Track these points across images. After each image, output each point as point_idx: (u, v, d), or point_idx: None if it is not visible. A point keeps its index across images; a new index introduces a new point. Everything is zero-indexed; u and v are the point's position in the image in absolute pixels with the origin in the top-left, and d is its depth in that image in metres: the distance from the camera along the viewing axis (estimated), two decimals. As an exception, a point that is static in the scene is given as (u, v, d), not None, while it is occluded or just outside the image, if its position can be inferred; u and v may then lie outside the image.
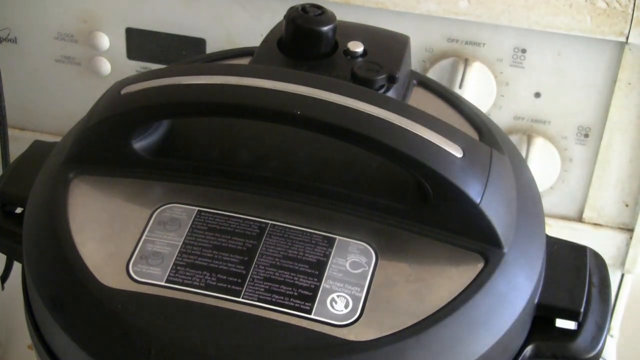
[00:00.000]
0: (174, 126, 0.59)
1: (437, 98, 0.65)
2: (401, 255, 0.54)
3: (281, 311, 0.51)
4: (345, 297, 0.52)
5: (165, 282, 0.53)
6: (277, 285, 0.52)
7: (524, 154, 0.80)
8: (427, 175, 0.53)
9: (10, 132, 0.86)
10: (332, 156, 0.58)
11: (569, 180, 0.83)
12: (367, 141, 0.53)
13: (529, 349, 0.56)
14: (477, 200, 0.53)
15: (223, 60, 0.66)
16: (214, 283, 0.52)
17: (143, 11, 0.83)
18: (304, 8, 0.60)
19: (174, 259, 0.54)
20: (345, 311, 0.52)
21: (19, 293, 0.59)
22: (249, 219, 0.55)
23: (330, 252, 0.54)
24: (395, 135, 0.53)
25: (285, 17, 0.61)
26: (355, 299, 0.52)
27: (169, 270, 0.53)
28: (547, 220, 0.73)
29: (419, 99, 0.64)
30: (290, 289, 0.52)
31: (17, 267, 0.73)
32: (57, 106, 0.90)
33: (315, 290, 0.52)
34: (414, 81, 0.65)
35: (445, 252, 0.54)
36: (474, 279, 0.53)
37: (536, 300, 0.56)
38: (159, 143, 0.58)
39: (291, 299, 0.52)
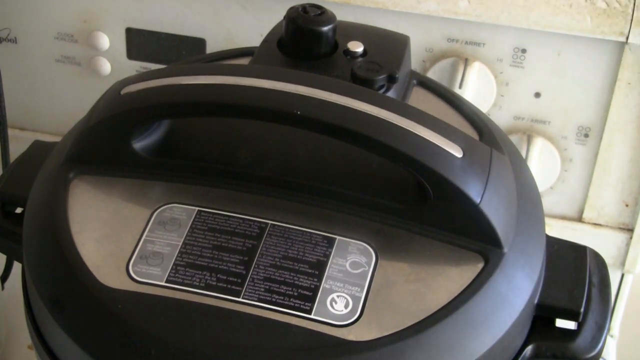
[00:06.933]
0: (174, 126, 0.59)
1: (437, 98, 0.65)
2: (401, 255, 0.54)
3: (281, 311, 0.51)
4: (345, 297, 0.52)
5: (165, 282, 0.53)
6: (277, 285, 0.52)
7: (524, 154, 0.80)
8: (427, 175, 0.53)
9: (10, 132, 0.86)
10: (332, 156, 0.58)
11: (569, 180, 0.83)
12: (367, 141, 0.53)
13: (529, 349, 0.56)
14: (477, 200, 0.53)
15: (223, 60, 0.66)
16: (214, 283, 0.52)
17: (143, 11, 0.83)
18: (304, 8, 0.60)
19: (174, 259, 0.54)
20: (345, 311, 0.52)
21: (19, 293, 0.59)
22: (249, 219, 0.55)
23: (330, 252, 0.54)
24: (395, 135, 0.53)
25: (285, 17, 0.61)
26: (355, 299, 0.52)
27: (169, 270, 0.53)
28: (547, 220, 0.73)
29: (419, 99, 0.64)
30: (290, 289, 0.52)
31: (17, 267, 0.73)
32: (57, 106, 0.90)
33: (315, 290, 0.52)
34: (414, 81, 0.65)
35: (445, 252, 0.54)
36: (474, 279, 0.53)
37: (536, 300, 0.56)
38: (159, 143, 0.58)
39: (291, 299, 0.52)
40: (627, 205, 0.82)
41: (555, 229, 0.84)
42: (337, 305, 0.52)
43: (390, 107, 0.54)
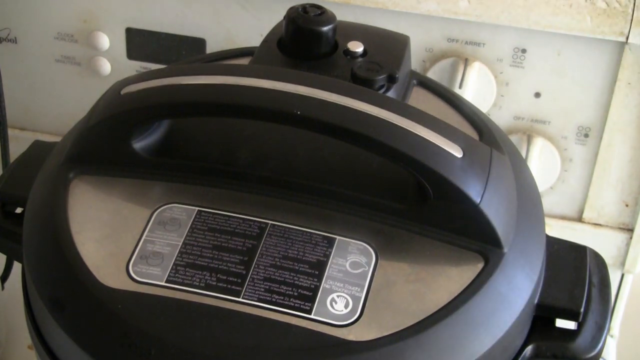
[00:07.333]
0: (174, 126, 0.59)
1: (437, 98, 0.65)
2: (401, 255, 0.54)
3: (281, 311, 0.51)
4: (345, 297, 0.52)
5: (165, 282, 0.53)
6: (277, 285, 0.52)
7: (524, 154, 0.80)
8: (427, 175, 0.53)
9: (10, 132, 0.86)
10: (332, 156, 0.58)
11: (569, 180, 0.83)
12: (367, 141, 0.53)
13: (529, 349, 0.56)
14: (477, 200, 0.53)
15: (223, 60, 0.66)
16: (214, 283, 0.52)
17: (143, 11, 0.83)
18: (304, 8, 0.60)
19: (174, 259, 0.54)
20: (345, 311, 0.52)
21: (19, 293, 0.59)
22: (249, 219, 0.55)
23: (330, 252, 0.54)
24: (395, 135, 0.53)
25: (285, 17, 0.61)
26: (355, 299, 0.52)
27: (169, 270, 0.53)
28: (547, 220, 0.73)
29: (419, 99, 0.64)
30: (290, 289, 0.52)
31: (17, 267, 0.73)
32: (57, 106, 0.90)
33: (315, 290, 0.52)
34: (414, 81, 0.65)
35: (445, 252, 0.54)
36: (474, 279, 0.53)
37: (536, 300, 0.56)
38: (159, 143, 0.58)
39: (291, 299, 0.52)
40: (627, 205, 0.82)
41: (555, 229, 0.84)
42: (337, 305, 0.52)
43: (390, 107, 0.54)
